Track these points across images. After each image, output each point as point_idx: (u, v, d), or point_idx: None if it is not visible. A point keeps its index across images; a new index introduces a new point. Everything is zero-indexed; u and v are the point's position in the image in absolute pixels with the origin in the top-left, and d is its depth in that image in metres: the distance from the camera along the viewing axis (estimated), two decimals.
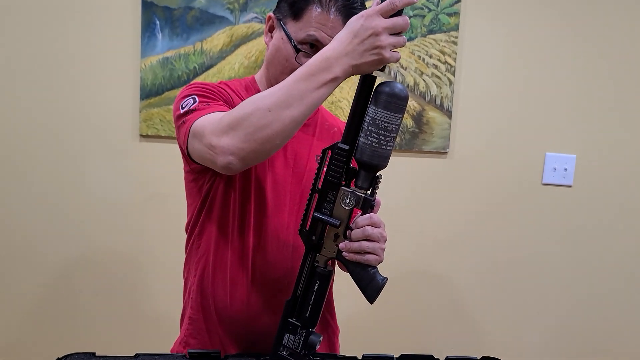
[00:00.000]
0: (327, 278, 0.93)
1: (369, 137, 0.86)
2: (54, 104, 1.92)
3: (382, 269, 0.94)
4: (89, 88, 1.92)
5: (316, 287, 0.93)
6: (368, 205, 0.90)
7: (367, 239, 0.89)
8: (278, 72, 1.05)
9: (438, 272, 2.01)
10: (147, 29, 1.88)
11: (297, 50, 1.00)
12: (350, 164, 0.90)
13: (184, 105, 1.00)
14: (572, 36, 1.89)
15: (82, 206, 1.97)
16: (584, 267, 1.98)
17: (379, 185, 0.91)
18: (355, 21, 0.83)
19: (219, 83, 1.11)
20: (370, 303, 0.94)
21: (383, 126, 0.85)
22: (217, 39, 1.88)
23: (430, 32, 1.86)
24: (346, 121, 0.89)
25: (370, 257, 0.90)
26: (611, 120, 1.92)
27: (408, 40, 1.82)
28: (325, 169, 0.90)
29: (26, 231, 1.98)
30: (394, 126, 0.86)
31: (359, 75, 0.87)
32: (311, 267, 0.94)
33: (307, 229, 0.93)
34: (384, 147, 0.86)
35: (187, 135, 0.96)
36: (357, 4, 1.01)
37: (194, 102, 0.99)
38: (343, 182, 0.90)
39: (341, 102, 1.89)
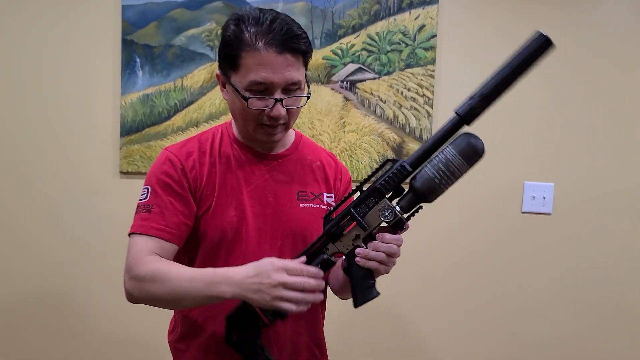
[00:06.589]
0: (327, 265, 0.99)
1: (434, 171, 0.92)
2: (34, 140, 1.91)
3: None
4: (69, 125, 1.92)
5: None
6: (399, 226, 0.96)
7: (389, 254, 0.96)
8: (242, 122, 1.08)
9: (420, 303, 2.00)
10: (128, 67, 1.89)
11: (246, 99, 1.00)
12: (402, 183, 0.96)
13: (142, 193, 1.09)
14: (547, 65, 1.93)
15: (61, 244, 1.94)
16: (565, 295, 1.99)
17: (416, 213, 0.97)
18: (266, 264, 0.92)
19: (192, 143, 1.12)
20: (355, 307, 0.99)
21: (451, 169, 0.92)
22: (198, 75, 1.90)
23: (408, 66, 1.90)
24: (420, 145, 0.96)
25: (381, 268, 0.97)
26: (587, 148, 1.95)
27: (386, 74, 1.86)
28: (376, 177, 0.97)
29: (4, 269, 1.94)
30: (459, 173, 0.93)
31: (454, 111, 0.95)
32: (318, 251, 0.99)
33: (333, 216, 0.99)
34: (442, 186, 0.93)
35: (129, 235, 1.10)
36: (279, 29, 0.98)
37: (145, 198, 1.08)
38: (388, 195, 0.96)
39: (322, 135, 1.91)
